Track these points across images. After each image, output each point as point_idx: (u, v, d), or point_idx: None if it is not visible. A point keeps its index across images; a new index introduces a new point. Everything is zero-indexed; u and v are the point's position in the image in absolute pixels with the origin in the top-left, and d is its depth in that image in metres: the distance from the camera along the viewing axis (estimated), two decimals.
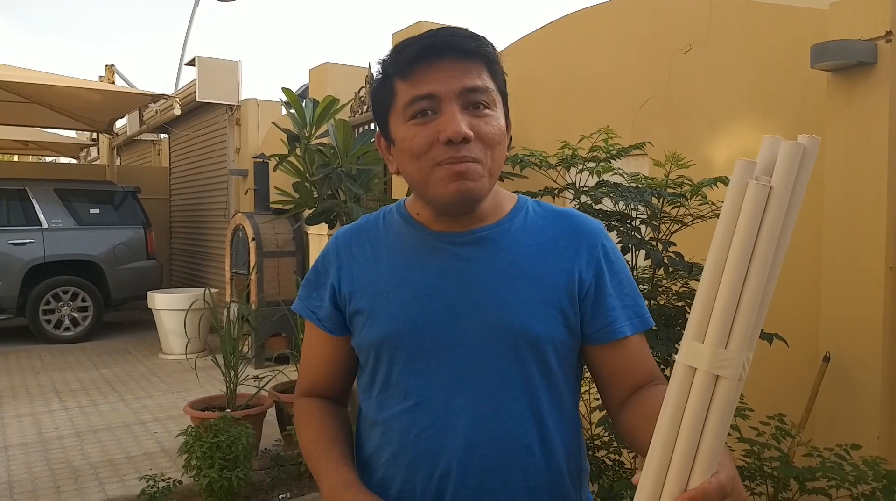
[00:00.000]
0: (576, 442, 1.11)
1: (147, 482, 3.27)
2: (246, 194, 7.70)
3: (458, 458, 1.02)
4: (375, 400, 1.09)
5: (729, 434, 2.15)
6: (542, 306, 1.03)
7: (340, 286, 1.11)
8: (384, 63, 1.04)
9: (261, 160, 7.11)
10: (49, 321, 7.48)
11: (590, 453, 2.34)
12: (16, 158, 14.57)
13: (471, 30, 1.02)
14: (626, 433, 1.06)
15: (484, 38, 1.01)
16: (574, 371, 1.10)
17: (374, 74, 1.07)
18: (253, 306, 5.93)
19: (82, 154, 13.93)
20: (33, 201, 7.49)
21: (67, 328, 7.57)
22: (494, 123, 1.00)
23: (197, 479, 3.18)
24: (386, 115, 1.04)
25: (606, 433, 2.36)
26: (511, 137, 1.09)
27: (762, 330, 2.11)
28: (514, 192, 1.18)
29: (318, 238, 5.81)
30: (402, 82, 1.00)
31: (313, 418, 1.14)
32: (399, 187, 4.76)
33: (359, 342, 1.10)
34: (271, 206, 5.66)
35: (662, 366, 2.29)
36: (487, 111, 0.99)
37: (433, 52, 0.97)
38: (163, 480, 3.29)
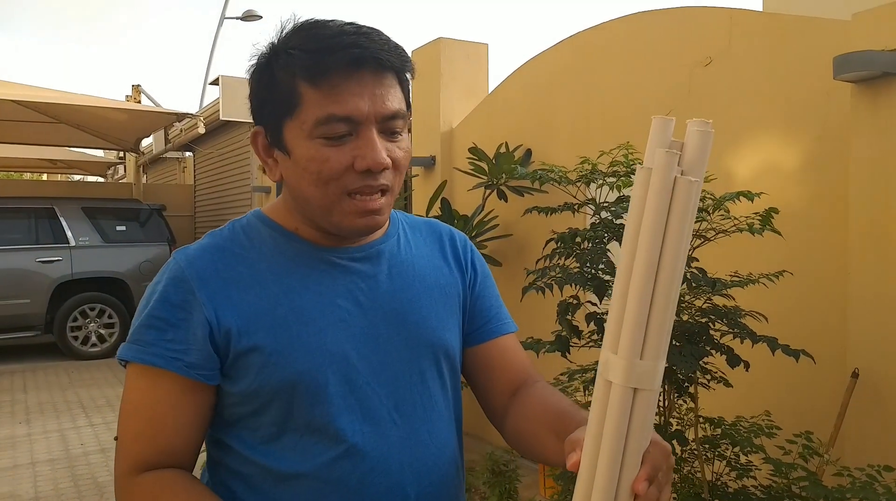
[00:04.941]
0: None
1: None
2: None
3: (412, 495, 0.94)
4: (294, 451, 0.91)
5: (754, 453, 2.10)
6: (449, 317, 1.04)
7: (219, 321, 0.89)
8: (282, 53, 0.89)
9: None
10: (76, 338, 7.59)
11: None
12: (45, 177, 14.88)
13: (383, 33, 0.91)
14: (512, 438, 1.02)
15: (401, 46, 0.92)
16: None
17: (259, 56, 0.92)
18: None
19: (109, 172, 14.20)
20: (61, 219, 7.62)
21: (94, 344, 7.68)
22: (405, 147, 0.93)
23: None
24: (280, 117, 0.89)
25: None
26: (530, 151, 1.07)
27: (788, 346, 2.08)
28: (533, 208, 1.18)
29: None
30: (311, 89, 0.86)
31: (188, 491, 0.87)
32: (420, 203, 4.75)
33: (257, 386, 0.90)
34: None
35: (686, 383, 2.26)
36: (401, 136, 0.93)
37: (354, 63, 0.86)
38: None
